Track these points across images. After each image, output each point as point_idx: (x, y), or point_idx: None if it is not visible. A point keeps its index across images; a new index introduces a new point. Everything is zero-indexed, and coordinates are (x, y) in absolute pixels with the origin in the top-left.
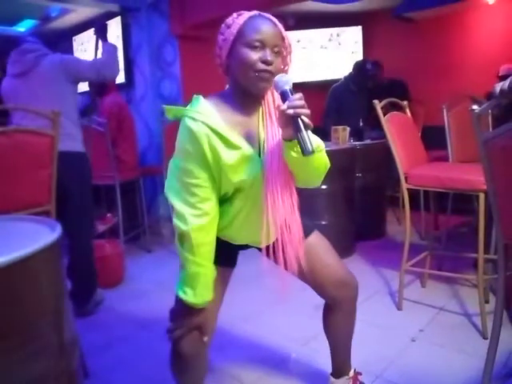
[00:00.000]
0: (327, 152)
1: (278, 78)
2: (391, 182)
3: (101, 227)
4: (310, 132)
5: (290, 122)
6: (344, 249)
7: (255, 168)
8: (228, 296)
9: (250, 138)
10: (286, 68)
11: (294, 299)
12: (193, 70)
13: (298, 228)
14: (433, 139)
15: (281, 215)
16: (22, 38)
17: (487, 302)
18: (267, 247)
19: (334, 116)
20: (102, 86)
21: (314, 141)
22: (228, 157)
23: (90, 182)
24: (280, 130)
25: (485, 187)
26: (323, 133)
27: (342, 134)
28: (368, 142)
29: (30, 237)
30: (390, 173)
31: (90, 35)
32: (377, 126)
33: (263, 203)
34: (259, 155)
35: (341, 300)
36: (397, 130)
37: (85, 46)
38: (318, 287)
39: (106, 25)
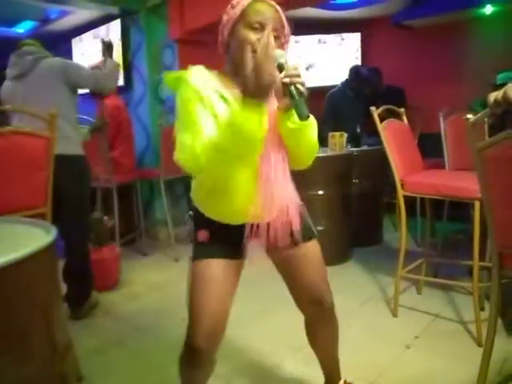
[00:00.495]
0: (324, 158)
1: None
2: (388, 189)
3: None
4: (304, 100)
5: (286, 92)
6: (340, 255)
7: None
8: None
9: None
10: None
11: (287, 304)
12: None
13: (289, 202)
14: (430, 147)
15: (273, 184)
16: (21, 40)
17: (482, 309)
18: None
19: (330, 122)
20: None
21: (307, 108)
22: (222, 110)
23: (88, 185)
24: (276, 105)
25: (480, 195)
26: (320, 139)
27: (339, 140)
28: (365, 148)
29: (24, 239)
30: (386, 179)
31: (89, 38)
32: (374, 132)
33: (258, 170)
34: None
35: (312, 316)
36: (393, 138)
37: (84, 49)
38: (294, 297)
39: (111, 44)
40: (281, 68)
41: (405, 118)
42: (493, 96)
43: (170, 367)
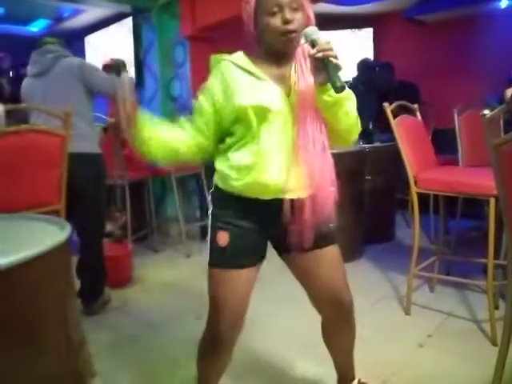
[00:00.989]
0: (336, 154)
1: (305, 30)
2: (401, 185)
3: (110, 226)
4: (340, 73)
5: (321, 66)
6: (352, 252)
7: (277, 102)
8: None
9: (279, 79)
10: (310, 21)
11: (298, 303)
12: (203, 70)
13: (328, 175)
14: (443, 143)
15: (311, 158)
16: (42, 38)
17: (497, 308)
18: (294, 202)
19: None
20: None
21: (343, 80)
22: (246, 81)
23: (104, 183)
24: (311, 79)
25: (495, 192)
26: None
27: None
28: (378, 144)
29: (40, 236)
30: (399, 175)
31: (101, 35)
32: (387, 128)
33: (294, 141)
34: (288, 96)
35: (331, 318)
36: (407, 134)
37: (96, 47)
38: (311, 297)
39: (123, 61)
40: (314, 44)
41: (418, 114)
42: (510, 92)
43: (182, 363)
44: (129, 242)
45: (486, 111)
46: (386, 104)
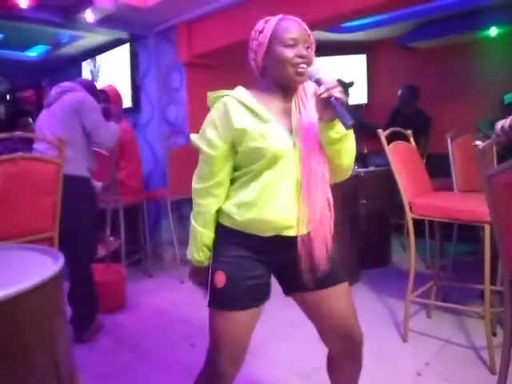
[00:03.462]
0: None
1: (308, 70)
2: (396, 209)
3: (102, 251)
4: (345, 108)
5: (327, 104)
6: (348, 277)
7: (284, 142)
8: None
9: (282, 117)
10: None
11: (293, 330)
12: (198, 96)
13: (327, 218)
14: (438, 167)
15: (314, 195)
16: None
17: (494, 334)
18: (300, 239)
19: None
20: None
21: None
22: (254, 127)
23: (88, 206)
24: (313, 116)
25: (490, 219)
26: None
27: None
28: (372, 168)
29: (32, 268)
30: (394, 200)
31: (99, 61)
32: (381, 152)
33: (299, 178)
34: (291, 134)
35: (341, 352)
36: (401, 160)
37: (93, 71)
38: (321, 332)
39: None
40: (318, 83)
41: (412, 140)
42: (500, 124)
43: None
44: (122, 267)
45: (478, 142)
46: (380, 130)
